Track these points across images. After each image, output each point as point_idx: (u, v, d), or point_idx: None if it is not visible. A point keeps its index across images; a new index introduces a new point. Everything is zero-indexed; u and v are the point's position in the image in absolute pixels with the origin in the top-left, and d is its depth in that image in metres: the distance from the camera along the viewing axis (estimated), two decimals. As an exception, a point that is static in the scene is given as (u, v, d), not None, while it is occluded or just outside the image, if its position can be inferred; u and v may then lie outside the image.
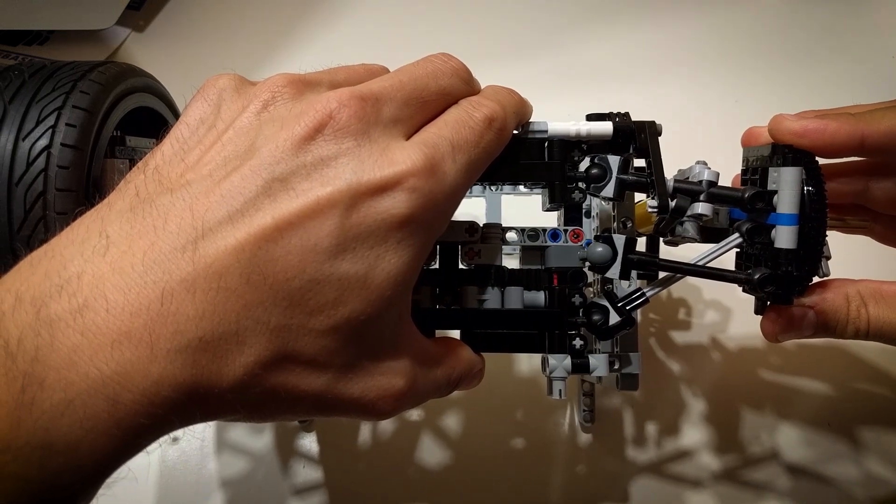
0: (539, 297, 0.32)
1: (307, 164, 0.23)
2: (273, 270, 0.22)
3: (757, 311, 0.32)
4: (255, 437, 0.43)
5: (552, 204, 0.32)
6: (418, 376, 0.27)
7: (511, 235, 0.33)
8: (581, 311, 0.31)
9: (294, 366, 0.23)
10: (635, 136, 0.31)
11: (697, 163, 0.31)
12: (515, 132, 0.30)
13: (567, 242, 0.33)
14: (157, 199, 0.23)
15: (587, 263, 0.31)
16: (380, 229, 0.23)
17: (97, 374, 0.20)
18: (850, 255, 0.38)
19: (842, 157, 0.31)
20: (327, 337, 0.23)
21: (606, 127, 0.31)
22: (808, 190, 0.29)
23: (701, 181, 0.30)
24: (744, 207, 0.30)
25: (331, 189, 0.22)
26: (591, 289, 0.36)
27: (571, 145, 0.31)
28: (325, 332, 0.23)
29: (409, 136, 0.25)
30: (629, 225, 0.33)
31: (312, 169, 0.23)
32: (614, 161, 0.30)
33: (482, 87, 0.30)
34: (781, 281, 0.29)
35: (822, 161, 0.30)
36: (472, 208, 0.44)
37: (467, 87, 0.28)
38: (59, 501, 0.20)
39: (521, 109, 0.30)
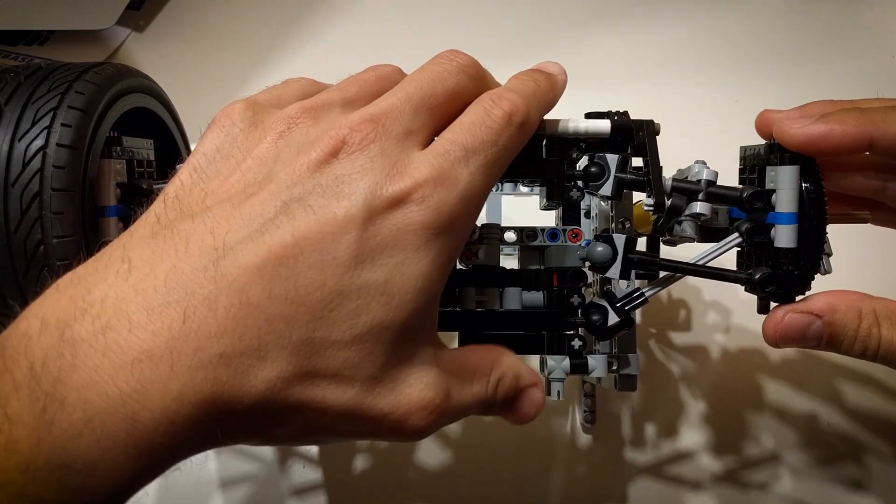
0: (538, 297, 0.32)
1: (323, 184, 0.23)
2: (294, 285, 0.22)
3: (760, 311, 0.32)
4: (255, 438, 0.43)
5: (550, 202, 0.32)
6: (452, 388, 0.26)
7: (509, 235, 0.33)
8: (580, 311, 0.31)
9: (318, 380, 0.23)
10: (633, 135, 0.31)
11: (696, 162, 0.31)
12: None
13: (566, 242, 0.32)
14: (179, 224, 0.23)
15: (587, 263, 0.31)
16: (397, 239, 0.23)
17: (116, 392, 0.20)
18: (850, 254, 0.38)
19: (846, 156, 0.31)
20: (350, 348, 0.23)
21: (604, 125, 0.30)
22: (806, 187, 0.29)
23: (699, 180, 0.30)
24: (742, 207, 0.29)
25: (347, 204, 0.23)
26: (590, 289, 0.36)
27: (570, 143, 0.31)
28: (348, 343, 0.23)
29: (425, 145, 0.25)
30: (628, 224, 0.33)
31: (328, 187, 0.23)
32: (613, 159, 0.30)
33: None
34: (782, 280, 0.29)
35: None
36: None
37: (476, 83, 0.28)
38: None
39: (547, 97, 0.29)
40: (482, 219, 0.42)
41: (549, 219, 0.42)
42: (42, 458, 0.19)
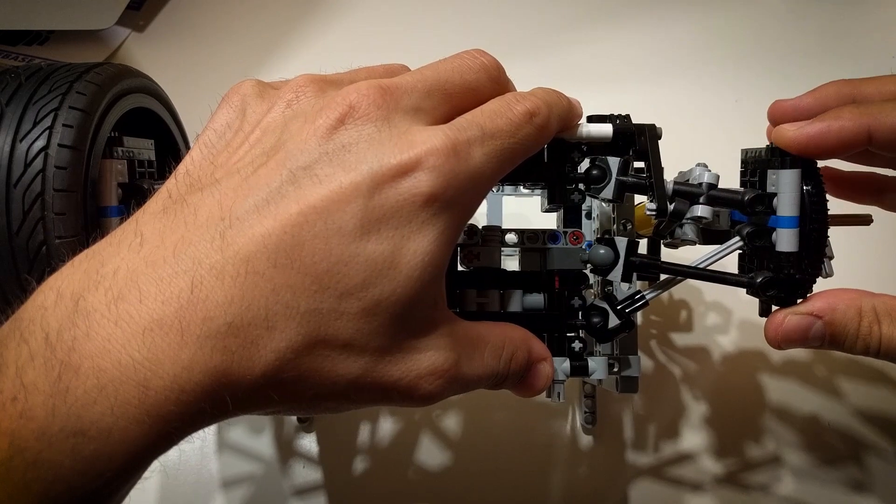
0: (539, 299, 0.32)
1: (329, 152, 0.23)
2: (300, 254, 0.22)
3: (762, 314, 0.32)
4: (255, 438, 0.43)
5: (551, 205, 0.32)
6: (463, 358, 0.26)
7: (510, 237, 0.33)
8: (580, 313, 0.31)
9: (329, 350, 0.23)
10: (635, 139, 0.31)
11: (698, 165, 0.31)
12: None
13: (567, 244, 0.32)
14: (188, 197, 0.23)
15: (589, 266, 0.31)
16: (403, 209, 0.23)
17: (129, 360, 0.20)
18: (852, 254, 0.38)
19: (850, 153, 0.31)
20: (360, 319, 0.23)
21: (606, 129, 0.30)
22: (807, 190, 0.29)
23: (701, 184, 0.30)
24: (744, 210, 0.29)
25: (353, 174, 0.23)
26: (591, 290, 0.36)
27: (571, 146, 0.31)
28: (358, 315, 0.23)
29: (433, 125, 0.25)
30: (629, 227, 0.33)
31: (335, 156, 0.23)
32: (614, 163, 0.30)
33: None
34: (784, 284, 0.29)
35: None
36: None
37: (495, 84, 0.28)
38: (93, 490, 0.20)
39: (568, 113, 0.29)
40: (483, 221, 0.42)
41: (551, 221, 0.42)
42: (57, 425, 0.19)
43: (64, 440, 0.19)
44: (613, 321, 0.30)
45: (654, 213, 0.29)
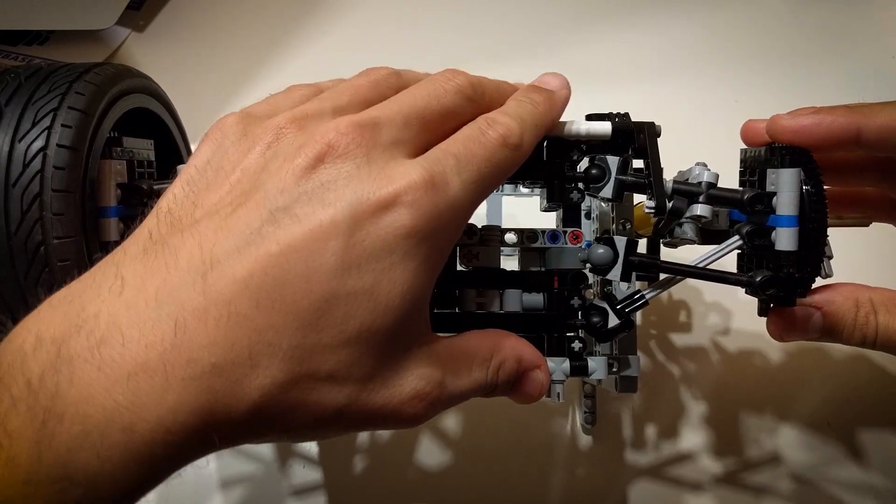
0: (538, 299, 0.32)
1: (308, 191, 0.23)
2: (282, 294, 0.22)
3: (761, 313, 0.32)
4: (255, 438, 0.43)
5: (550, 204, 0.32)
6: (447, 377, 0.26)
7: (510, 237, 0.33)
8: (580, 313, 0.31)
9: (313, 383, 0.23)
10: (634, 137, 0.31)
11: (697, 164, 0.31)
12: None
13: (566, 244, 0.32)
14: (169, 239, 0.23)
15: (588, 265, 0.31)
16: (384, 244, 0.23)
17: (113, 405, 0.20)
18: (850, 255, 0.38)
19: (839, 151, 0.31)
20: (341, 351, 0.23)
21: (605, 127, 0.30)
22: (806, 189, 0.29)
23: (700, 183, 0.30)
24: (743, 209, 0.29)
25: (332, 211, 0.23)
26: (591, 290, 0.36)
27: (570, 145, 0.31)
28: (339, 346, 0.23)
29: (414, 156, 0.25)
30: (628, 226, 0.33)
31: (314, 194, 0.23)
32: (613, 161, 0.30)
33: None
34: (783, 283, 0.29)
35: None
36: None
37: (472, 104, 0.28)
38: None
39: (546, 117, 0.29)
40: (483, 220, 0.42)
41: (550, 220, 0.42)
42: (43, 472, 0.19)
43: (50, 486, 0.19)
44: (613, 321, 0.30)
45: (652, 210, 0.29)
